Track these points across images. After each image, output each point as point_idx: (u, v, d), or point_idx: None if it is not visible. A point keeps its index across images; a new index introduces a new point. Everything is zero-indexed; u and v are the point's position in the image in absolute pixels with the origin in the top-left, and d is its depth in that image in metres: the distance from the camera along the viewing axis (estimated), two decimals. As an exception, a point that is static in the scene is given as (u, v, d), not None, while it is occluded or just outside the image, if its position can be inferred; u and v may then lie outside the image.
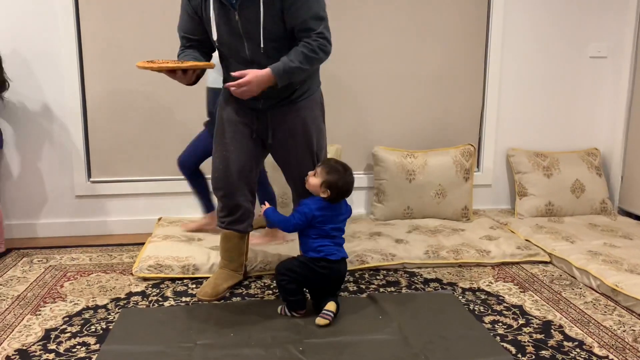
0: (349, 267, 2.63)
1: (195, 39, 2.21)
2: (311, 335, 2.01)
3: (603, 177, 3.52)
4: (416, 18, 3.35)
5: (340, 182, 2.12)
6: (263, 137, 2.29)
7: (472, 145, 3.41)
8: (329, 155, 2.53)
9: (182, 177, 2.94)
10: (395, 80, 3.41)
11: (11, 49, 2.97)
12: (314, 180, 2.15)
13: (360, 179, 3.47)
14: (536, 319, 2.19)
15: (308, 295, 2.24)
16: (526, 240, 3.01)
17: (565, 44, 3.51)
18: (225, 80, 2.29)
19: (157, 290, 2.43)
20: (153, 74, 3.08)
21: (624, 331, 2.09)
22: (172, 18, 2.66)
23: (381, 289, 2.46)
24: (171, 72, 2.03)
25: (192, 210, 3.30)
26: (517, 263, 2.79)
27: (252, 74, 2.02)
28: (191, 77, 2.08)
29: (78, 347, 1.95)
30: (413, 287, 2.50)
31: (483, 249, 2.83)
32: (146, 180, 3.27)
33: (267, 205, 2.26)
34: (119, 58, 3.10)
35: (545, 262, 2.81)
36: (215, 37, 2.13)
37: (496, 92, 3.50)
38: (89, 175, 3.22)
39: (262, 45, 2.08)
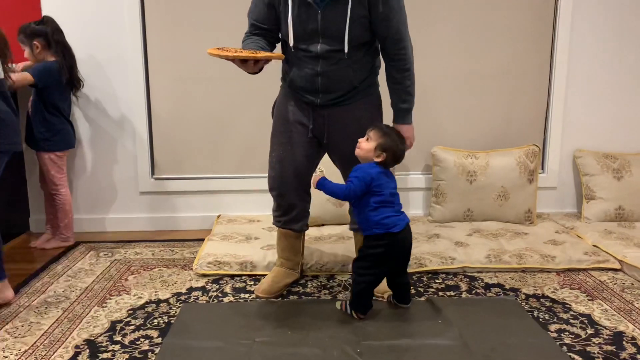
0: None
1: (264, 28, 2.21)
2: (369, 337, 1.99)
3: (680, 180, 3.30)
4: (480, 14, 3.25)
5: (395, 145, 2.05)
6: (319, 137, 2.28)
7: (536, 146, 3.28)
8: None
9: (242, 175, 2.92)
10: (456, 78, 3.32)
11: (86, 54, 3.13)
12: (366, 144, 2.06)
13: (417, 179, 3.42)
14: (606, 329, 2.08)
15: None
16: (594, 246, 2.87)
17: (636, 41, 3.32)
18: (285, 75, 2.29)
19: (217, 286, 2.48)
20: (214, 72, 3.16)
21: None
22: (231, 24, 2.71)
23: (440, 293, 2.41)
24: (243, 61, 2.01)
25: (249, 207, 3.35)
26: (585, 270, 2.66)
27: (406, 135, 2.18)
28: (260, 66, 2.09)
29: (142, 339, 2.01)
30: (474, 291, 2.43)
31: (547, 254, 2.72)
32: (207, 178, 3.34)
33: (321, 174, 2.11)
34: (181, 62, 3.18)
35: (615, 270, 2.67)
36: (291, 32, 2.11)
37: (562, 90, 3.36)
38: (153, 172, 3.33)
39: (346, 50, 2.08)
